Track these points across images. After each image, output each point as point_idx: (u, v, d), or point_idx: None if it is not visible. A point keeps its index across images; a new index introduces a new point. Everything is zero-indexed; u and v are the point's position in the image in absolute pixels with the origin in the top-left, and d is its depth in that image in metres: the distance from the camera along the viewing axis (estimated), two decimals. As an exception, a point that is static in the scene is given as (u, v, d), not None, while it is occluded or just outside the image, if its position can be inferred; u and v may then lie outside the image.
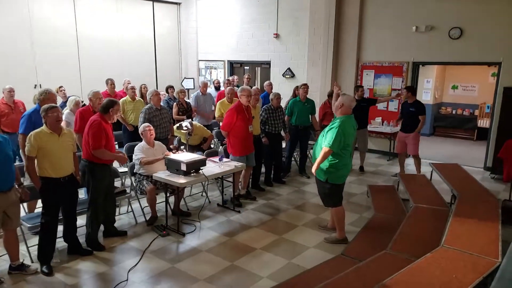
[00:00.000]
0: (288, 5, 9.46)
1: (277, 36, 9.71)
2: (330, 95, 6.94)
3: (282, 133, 6.50)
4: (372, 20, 8.25)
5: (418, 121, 6.47)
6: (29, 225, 3.90)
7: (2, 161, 3.36)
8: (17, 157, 5.30)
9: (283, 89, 9.01)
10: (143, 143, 4.94)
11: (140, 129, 4.97)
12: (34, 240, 3.94)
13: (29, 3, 8.57)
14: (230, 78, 8.81)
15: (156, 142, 5.08)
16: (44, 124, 3.67)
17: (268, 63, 10.13)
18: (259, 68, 10.58)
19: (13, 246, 3.66)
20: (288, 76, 9.69)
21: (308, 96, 6.76)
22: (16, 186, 3.61)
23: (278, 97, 6.23)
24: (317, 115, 7.10)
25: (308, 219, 5.09)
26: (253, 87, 6.72)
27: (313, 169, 4.13)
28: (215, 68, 11.28)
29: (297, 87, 7.36)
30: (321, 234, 4.62)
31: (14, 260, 3.68)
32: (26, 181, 4.24)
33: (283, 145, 6.69)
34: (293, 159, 7.16)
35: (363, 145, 7.23)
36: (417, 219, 4.34)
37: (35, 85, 8.61)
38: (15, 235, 3.67)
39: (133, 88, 6.74)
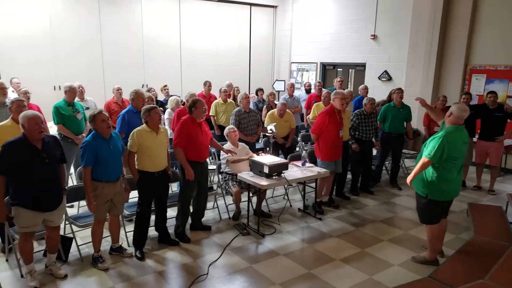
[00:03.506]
0: (388, 5, 8.96)
1: (374, 37, 9.27)
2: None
3: (374, 140, 6.19)
4: (488, 18, 7.36)
5: (504, 128, 5.95)
6: (127, 213, 4.34)
7: (114, 154, 3.76)
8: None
9: (378, 93, 8.58)
10: (228, 143, 5.17)
11: (225, 131, 5.21)
12: (130, 227, 4.36)
13: (142, 11, 9.53)
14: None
15: (240, 143, 5.27)
16: (144, 123, 4.03)
17: (363, 65, 9.73)
18: (353, 70, 10.22)
19: (116, 230, 4.10)
20: (385, 79, 9.18)
21: (406, 101, 6.33)
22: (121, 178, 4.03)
23: (372, 102, 5.93)
24: (415, 122, 6.61)
25: (395, 235, 4.76)
26: (346, 90, 6.53)
27: (408, 179, 3.82)
28: (306, 70, 11.22)
29: (393, 90, 6.95)
30: (409, 252, 4.28)
31: (114, 242, 4.14)
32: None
33: (374, 152, 6.37)
34: (384, 168, 6.77)
35: (467, 157, 6.50)
36: (527, 248, 3.75)
37: (142, 85, 9.55)
38: (118, 220, 4.11)
39: (225, 91, 7.05)
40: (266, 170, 4.52)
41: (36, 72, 8.34)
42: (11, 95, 5.76)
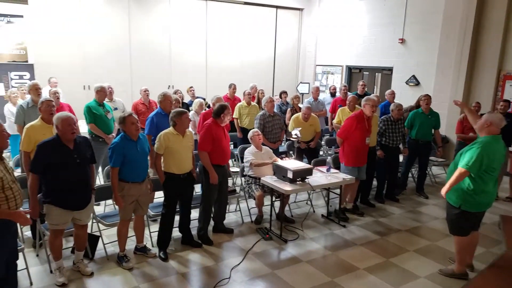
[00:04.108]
0: (418, 8, 8.76)
1: (402, 41, 9.08)
2: None
3: (401, 147, 6.06)
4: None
5: None
6: (152, 213, 4.40)
7: (141, 156, 3.84)
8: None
9: (406, 98, 8.38)
10: (252, 147, 5.16)
11: (249, 134, 5.21)
12: (155, 227, 4.42)
13: (171, 13, 9.66)
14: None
15: (264, 147, 5.26)
16: (172, 126, 4.08)
17: (390, 69, 9.55)
18: (379, 74, 10.05)
19: (140, 230, 4.16)
20: (412, 84, 8.97)
21: (435, 107, 6.16)
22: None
23: (399, 108, 5.81)
24: (444, 129, 6.40)
25: (422, 245, 4.64)
26: (372, 95, 6.43)
27: (443, 191, 3.71)
28: (332, 73, 11.11)
29: (421, 96, 6.79)
30: (436, 264, 4.16)
31: (139, 242, 4.19)
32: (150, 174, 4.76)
33: (400, 159, 6.23)
34: (410, 175, 6.61)
35: (501, 168, 6.24)
36: None
37: (168, 86, 9.69)
38: (143, 220, 4.16)
39: (249, 94, 7.06)
40: (290, 175, 4.49)
41: (67, 72, 8.57)
42: (47, 94, 5.92)
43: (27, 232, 4.42)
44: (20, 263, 3.34)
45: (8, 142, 2.96)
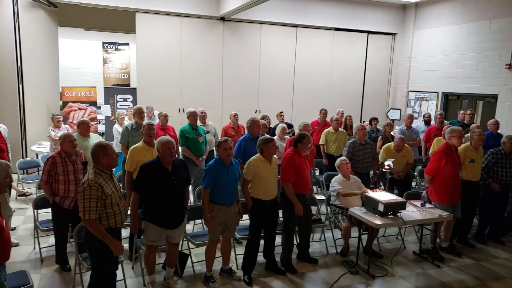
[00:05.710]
0: (530, 31, 7.92)
1: (510, 66, 8.22)
2: None
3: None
4: None
5: None
6: (238, 236, 4.49)
7: (232, 180, 3.97)
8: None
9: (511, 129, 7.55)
10: (339, 175, 5.03)
11: (337, 163, 5.09)
12: (240, 250, 4.50)
13: (261, 40, 10.05)
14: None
15: (352, 176, 5.08)
16: (260, 153, 4.18)
17: (494, 97, 8.68)
18: (481, 102, 9.19)
19: (227, 252, 4.26)
20: (522, 113, 8.04)
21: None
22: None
23: None
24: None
25: (536, 299, 4.03)
26: (472, 125, 5.92)
27: None
28: (426, 100, 10.45)
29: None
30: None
31: (225, 264, 4.29)
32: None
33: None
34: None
35: None
36: None
37: (256, 110, 9.98)
38: (230, 243, 4.26)
39: (337, 120, 6.94)
40: (381, 208, 4.26)
41: (164, 95, 9.29)
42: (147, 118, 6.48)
43: (125, 244, 4.77)
44: (118, 274, 3.61)
45: (118, 162, 3.30)
